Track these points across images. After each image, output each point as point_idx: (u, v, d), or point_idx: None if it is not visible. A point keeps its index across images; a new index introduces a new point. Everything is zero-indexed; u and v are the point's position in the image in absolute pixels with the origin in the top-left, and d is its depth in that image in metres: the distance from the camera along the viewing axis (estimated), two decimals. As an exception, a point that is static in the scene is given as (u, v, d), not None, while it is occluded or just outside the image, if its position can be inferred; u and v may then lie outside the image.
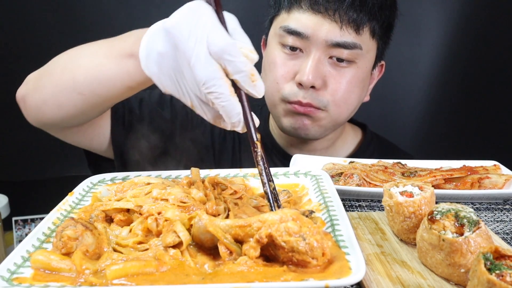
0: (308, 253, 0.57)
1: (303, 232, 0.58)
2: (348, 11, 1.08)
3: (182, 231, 0.65)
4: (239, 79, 0.67)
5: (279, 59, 1.16)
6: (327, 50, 1.12)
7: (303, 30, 1.10)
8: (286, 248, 0.58)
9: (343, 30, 1.09)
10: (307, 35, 1.11)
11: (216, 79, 0.65)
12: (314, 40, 1.11)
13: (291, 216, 0.59)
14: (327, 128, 1.22)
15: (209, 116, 0.72)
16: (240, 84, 0.67)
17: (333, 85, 1.14)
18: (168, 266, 0.60)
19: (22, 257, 0.62)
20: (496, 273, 0.51)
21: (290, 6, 1.13)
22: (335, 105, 1.17)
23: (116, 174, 0.93)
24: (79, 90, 0.90)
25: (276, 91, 1.18)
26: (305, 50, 1.14)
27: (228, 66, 0.66)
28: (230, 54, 0.65)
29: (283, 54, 1.16)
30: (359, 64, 1.16)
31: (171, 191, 0.75)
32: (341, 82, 1.15)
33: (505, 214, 0.93)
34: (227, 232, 0.62)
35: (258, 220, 0.60)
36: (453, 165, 1.12)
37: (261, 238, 0.58)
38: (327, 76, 1.14)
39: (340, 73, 1.14)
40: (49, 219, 0.73)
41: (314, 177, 0.88)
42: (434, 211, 0.66)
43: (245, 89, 0.68)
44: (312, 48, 1.12)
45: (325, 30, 1.09)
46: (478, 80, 2.38)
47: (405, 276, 0.66)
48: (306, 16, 1.10)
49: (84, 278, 0.59)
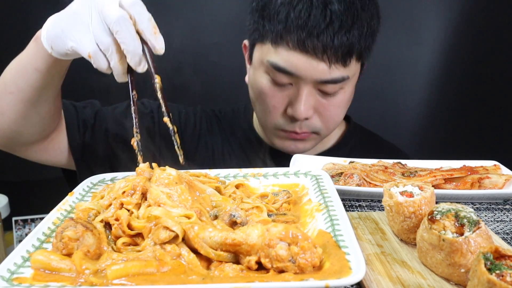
0: (298, 271, 0.58)
1: (292, 255, 0.58)
2: (337, 51, 1.07)
3: (175, 225, 0.64)
4: (143, 29, 0.77)
5: (268, 89, 1.17)
6: (316, 85, 1.14)
7: (294, 70, 1.10)
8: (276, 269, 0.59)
9: (332, 68, 1.09)
10: (297, 74, 1.11)
11: (125, 20, 0.76)
12: (304, 78, 1.11)
13: (279, 236, 0.59)
14: (317, 143, 1.29)
15: (104, 64, 0.80)
16: (144, 34, 0.78)
17: (324, 112, 1.19)
18: (168, 266, 0.60)
19: (22, 257, 0.62)
20: (496, 273, 0.51)
21: (276, 42, 1.10)
22: (326, 128, 1.23)
23: (116, 174, 0.93)
24: (8, 90, 0.98)
25: (269, 118, 1.21)
26: (294, 84, 1.15)
27: (136, 15, 0.77)
28: (140, 6, 0.77)
29: (272, 86, 1.16)
30: (346, 89, 1.19)
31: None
32: (331, 110, 1.19)
33: (505, 214, 0.93)
34: (217, 248, 0.63)
35: (247, 243, 0.61)
36: (453, 165, 1.12)
37: (251, 266, 0.60)
38: (317, 105, 1.17)
39: (329, 101, 1.17)
40: (49, 219, 0.73)
41: (314, 177, 0.88)
42: (434, 211, 0.66)
43: (148, 39, 0.78)
44: (302, 84, 1.13)
45: (315, 70, 1.09)
46: (478, 80, 2.38)
47: (405, 276, 0.66)
48: (294, 56, 1.09)
49: (84, 278, 0.59)
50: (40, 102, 1.01)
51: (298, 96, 1.13)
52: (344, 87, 1.17)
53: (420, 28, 2.37)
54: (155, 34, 0.78)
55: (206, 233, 0.63)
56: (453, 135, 2.48)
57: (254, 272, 0.60)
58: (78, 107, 1.24)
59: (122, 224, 0.69)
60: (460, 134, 2.47)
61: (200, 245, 0.63)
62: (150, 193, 0.72)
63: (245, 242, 0.61)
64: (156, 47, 0.79)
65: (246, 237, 0.61)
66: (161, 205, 0.70)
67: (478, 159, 1.14)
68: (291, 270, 0.58)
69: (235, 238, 0.61)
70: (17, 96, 0.98)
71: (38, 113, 1.03)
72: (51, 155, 1.18)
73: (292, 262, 0.58)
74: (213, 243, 0.63)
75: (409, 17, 2.37)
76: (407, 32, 2.38)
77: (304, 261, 0.58)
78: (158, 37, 0.79)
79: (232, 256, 0.63)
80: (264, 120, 1.24)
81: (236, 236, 0.62)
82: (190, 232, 0.64)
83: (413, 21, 2.36)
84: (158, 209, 0.69)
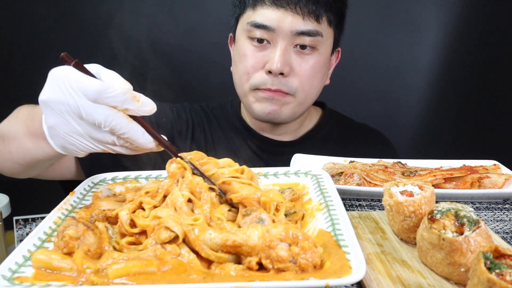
0: (299, 271, 0.58)
1: (293, 255, 0.59)
2: (308, 4, 1.20)
3: (176, 226, 0.65)
4: (126, 107, 0.70)
5: (249, 51, 1.26)
6: (292, 39, 1.22)
7: (269, 23, 1.21)
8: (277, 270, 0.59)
9: (305, 20, 1.21)
10: (273, 27, 1.21)
11: (110, 115, 0.69)
12: (279, 32, 1.21)
13: (279, 237, 0.60)
14: (295, 111, 1.31)
15: (125, 151, 0.76)
16: (130, 110, 0.71)
17: (299, 71, 1.25)
18: (169, 265, 0.60)
19: (24, 256, 0.63)
20: (496, 272, 0.51)
21: (255, 3, 1.24)
22: (301, 90, 1.27)
23: (117, 173, 0.94)
24: (17, 161, 0.96)
25: (246, 81, 1.28)
26: (272, 41, 1.24)
27: (111, 103, 0.69)
28: (107, 94, 0.68)
29: (252, 47, 1.26)
30: (321, 51, 1.27)
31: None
32: (306, 68, 1.25)
33: (505, 213, 0.94)
34: (218, 249, 0.63)
35: (247, 244, 0.61)
36: (453, 164, 1.12)
37: (252, 267, 0.60)
38: (293, 63, 1.24)
39: (304, 60, 1.25)
40: (50, 218, 0.74)
41: (314, 177, 0.89)
42: (434, 211, 0.67)
43: (136, 112, 0.72)
44: (278, 39, 1.22)
45: (289, 21, 1.20)
46: (478, 79, 2.39)
47: (405, 275, 0.66)
48: (270, 11, 1.21)
49: (85, 277, 0.59)
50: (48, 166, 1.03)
51: (274, 50, 1.23)
52: (319, 49, 1.26)
53: (420, 28, 2.37)
54: (138, 102, 0.71)
55: (207, 235, 0.64)
56: (453, 134, 2.48)
57: (255, 272, 0.60)
58: None
59: (122, 225, 0.70)
60: (460, 134, 2.47)
61: (201, 247, 0.63)
62: (171, 194, 0.73)
63: (245, 243, 0.61)
64: (147, 111, 0.73)
65: (246, 238, 0.61)
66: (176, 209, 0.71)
67: (478, 159, 1.14)
68: (292, 271, 0.58)
69: (235, 240, 0.62)
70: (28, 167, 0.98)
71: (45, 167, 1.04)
72: (59, 172, 1.20)
73: (293, 263, 0.58)
74: (213, 245, 0.63)
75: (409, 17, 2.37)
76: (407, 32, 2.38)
77: (305, 261, 0.58)
78: (144, 103, 0.72)
79: (233, 257, 0.63)
80: (242, 83, 1.30)
81: (237, 238, 0.62)
82: (191, 234, 0.64)
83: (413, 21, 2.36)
84: (164, 211, 0.69)
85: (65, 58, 0.70)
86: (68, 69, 0.69)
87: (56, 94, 0.69)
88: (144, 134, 0.74)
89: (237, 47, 1.32)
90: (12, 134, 0.94)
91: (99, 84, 0.68)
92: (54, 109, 0.70)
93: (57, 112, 0.70)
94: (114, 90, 0.68)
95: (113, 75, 0.71)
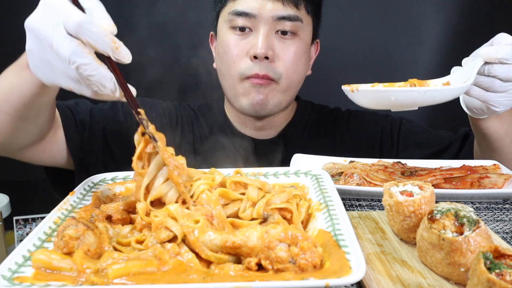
0: (299, 272, 0.58)
1: (292, 256, 0.59)
2: None
3: (175, 225, 0.65)
4: (102, 49, 0.69)
5: (232, 41, 1.29)
6: (273, 24, 1.26)
7: (250, 10, 1.25)
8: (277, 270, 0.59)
9: (285, 5, 1.25)
10: (254, 14, 1.25)
11: (78, 52, 0.68)
12: (261, 18, 1.25)
13: (278, 237, 0.60)
14: (280, 100, 1.33)
15: (88, 93, 0.75)
16: (106, 53, 0.70)
17: (282, 56, 1.28)
18: (169, 265, 0.60)
19: (23, 256, 0.62)
20: (496, 272, 0.51)
21: None
22: (286, 76, 1.30)
23: (117, 173, 0.94)
24: (3, 109, 0.95)
25: (233, 70, 1.30)
26: (253, 29, 1.27)
27: (89, 39, 0.68)
28: (87, 29, 0.67)
29: (235, 36, 1.29)
30: (301, 36, 1.31)
31: None
32: (289, 53, 1.29)
33: (504, 213, 0.94)
34: (218, 250, 0.63)
35: (247, 245, 0.61)
36: (453, 164, 1.12)
37: (251, 267, 0.60)
38: (276, 48, 1.28)
39: (286, 45, 1.29)
40: (50, 218, 0.73)
41: (314, 177, 0.89)
42: (434, 211, 0.67)
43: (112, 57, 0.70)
44: (260, 25, 1.26)
45: (270, 7, 1.24)
46: (478, 79, 2.38)
47: (405, 275, 0.66)
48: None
49: (85, 277, 0.59)
50: (36, 116, 1.00)
51: (257, 36, 1.26)
52: (299, 35, 1.30)
53: (420, 28, 2.37)
54: (117, 49, 0.70)
55: (206, 236, 0.64)
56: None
57: (255, 272, 0.60)
58: (71, 107, 1.25)
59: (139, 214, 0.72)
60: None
61: (201, 249, 0.63)
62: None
63: (245, 244, 0.61)
64: (122, 60, 0.72)
65: (246, 239, 0.61)
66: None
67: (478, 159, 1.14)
68: (291, 271, 0.58)
69: (235, 241, 0.62)
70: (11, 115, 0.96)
71: (35, 124, 1.03)
72: (49, 155, 1.18)
73: (293, 263, 0.58)
74: (213, 246, 0.63)
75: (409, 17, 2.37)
76: (407, 32, 2.38)
77: (305, 262, 0.58)
78: (121, 50, 0.71)
79: (234, 258, 0.63)
80: (229, 74, 1.31)
81: (236, 239, 0.62)
82: (191, 236, 0.64)
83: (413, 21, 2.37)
84: (174, 205, 0.70)
85: None
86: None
87: (39, 21, 0.70)
88: (112, 79, 0.71)
89: (220, 40, 1.34)
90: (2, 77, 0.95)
91: (82, 16, 0.67)
92: (34, 34, 0.72)
93: (35, 38, 0.72)
94: (95, 27, 0.67)
95: (103, 14, 0.70)
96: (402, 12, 2.35)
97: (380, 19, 2.36)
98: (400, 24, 2.36)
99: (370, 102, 0.97)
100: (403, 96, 0.92)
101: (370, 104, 0.97)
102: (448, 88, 0.93)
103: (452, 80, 1.02)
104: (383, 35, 2.38)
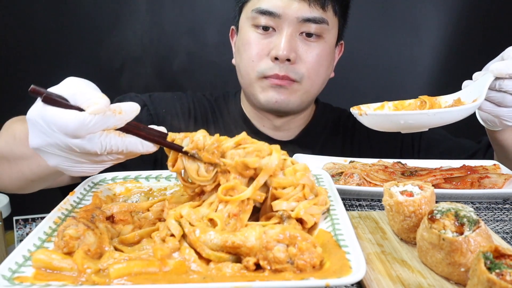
0: (296, 271, 0.58)
1: (290, 256, 0.59)
2: None
3: (173, 225, 0.66)
4: (112, 125, 0.67)
5: (253, 39, 1.25)
6: (297, 26, 1.21)
7: (275, 9, 1.20)
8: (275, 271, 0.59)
9: (311, 7, 1.20)
10: (279, 14, 1.20)
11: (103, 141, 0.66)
12: (285, 18, 1.20)
13: (276, 238, 0.60)
14: (302, 100, 1.30)
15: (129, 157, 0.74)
16: (117, 125, 0.68)
17: (305, 58, 1.24)
18: (170, 266, 0.61)
19: (24, 256, 0.62)
20: (496, 272, 0.51)
21: None
22: (308, 77, 1.26)
23: (117, 173, 0.94)
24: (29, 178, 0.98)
25: (252, 69, 1.26)
26: (277, 29, 1.23)
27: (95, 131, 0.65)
28: (85, 127, 0.64)
29: (257, 34, 1.25)
30: (326, 39, 1.26)
31: None
32: (312, 56, 1.25)
33: (504, 213, 0.94)
34: (218, 250, 0.63)
35: (245, 245, 0.61)
36: (453, 164, 1.12)
37: (249, 267, 0.60)
38: (299, 51, 1.23)
39: (310, 47, 1.24)
40: (50, 218, 0.73)
41: (314, 177, 0.88)
42: (434, 211, 0.67)
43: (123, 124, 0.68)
44: (284, 26, 1.21)
45: (295, 8, 1.19)
46: (478, 79, 2.38)
47: (405, 275, 0.66)
48: None
49: (86, 277, 0.59)
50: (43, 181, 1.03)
51: (280, 37, 1.21)
52: (325, 37, 1.25)
53: (420, 28, 2.37)
54: (121, 114, 0.67)
55: (207, 236, 0.64)
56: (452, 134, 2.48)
57: (254, 272, 0.60)
58: None
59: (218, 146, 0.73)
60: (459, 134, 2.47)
61: (201, 248, 0.63)
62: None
63: (244, 244, 0.61)
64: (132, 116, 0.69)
65: (244, 239, 0.62)
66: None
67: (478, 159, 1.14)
68: (290, 272, 0.58)
69: (234, 241, 0.62)
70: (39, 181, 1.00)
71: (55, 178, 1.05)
72: (60, 181, 1.19)
73: (291, 264, 0.58)
74: (214, 245, 0.63)
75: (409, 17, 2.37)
76: (407, 32, 2.38)
77: (303, 262, 0.58)
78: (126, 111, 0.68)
79: (234, 258, 0.63)
80: (246, 72, 1.28)
81: (235, 239, 0.62)
82: (192, 235, 0.64)
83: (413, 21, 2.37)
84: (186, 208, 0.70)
85: (34, 91, 0.63)
86: (41, 110, 0.64)
87: (43, 140, 0.66)
88: (142, 143, 0.71)
89: (241, 36, 1.30)
90: (18, 155, 0.94)
91: (75, 120, 0.63)
92: (49, 152, 0.67)
93: (54, 154, 0.67)
94: (92, 119, 0.63)
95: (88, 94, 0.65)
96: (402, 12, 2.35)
97: (380, 19, 2.36)
98: (400, 24, 2.36)
99: (379, 125, 0.95)
100: (413, 119, 0.90)
101: (379, 127, 0.96)
102: (458, 109, 0.91)
103: (463, 96, 1.00)
104: (383, 35, 2.38)
